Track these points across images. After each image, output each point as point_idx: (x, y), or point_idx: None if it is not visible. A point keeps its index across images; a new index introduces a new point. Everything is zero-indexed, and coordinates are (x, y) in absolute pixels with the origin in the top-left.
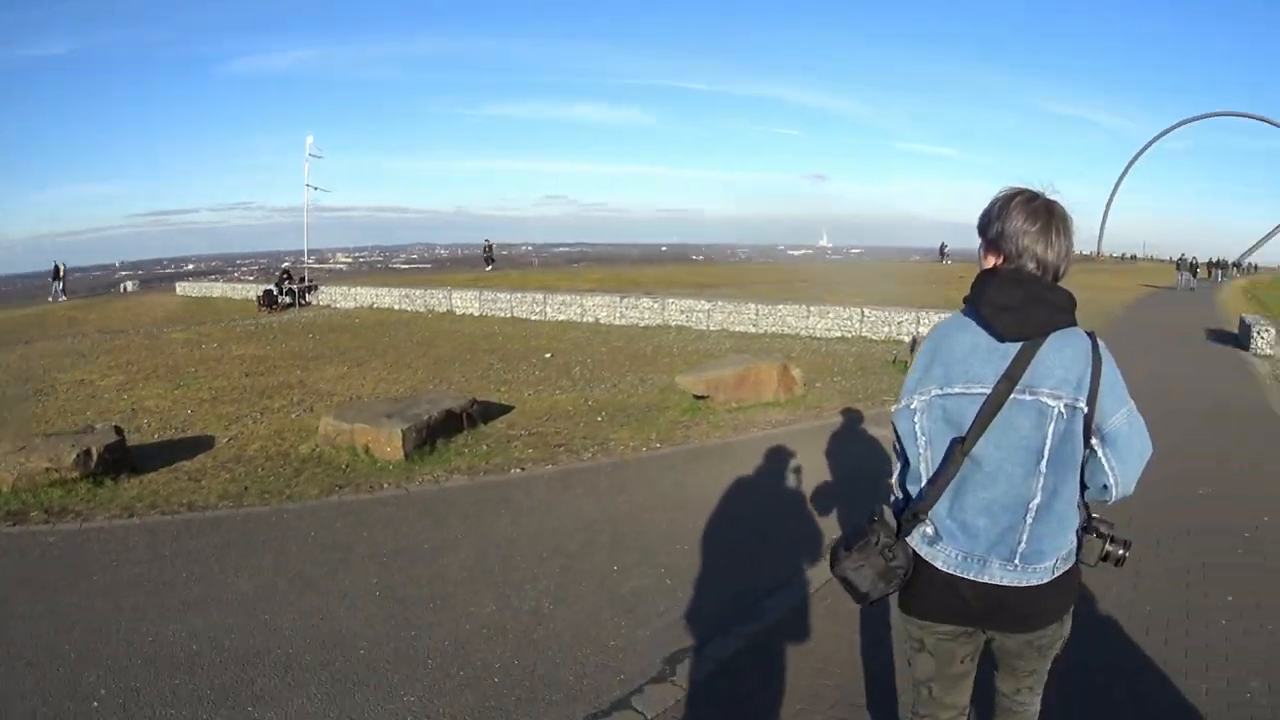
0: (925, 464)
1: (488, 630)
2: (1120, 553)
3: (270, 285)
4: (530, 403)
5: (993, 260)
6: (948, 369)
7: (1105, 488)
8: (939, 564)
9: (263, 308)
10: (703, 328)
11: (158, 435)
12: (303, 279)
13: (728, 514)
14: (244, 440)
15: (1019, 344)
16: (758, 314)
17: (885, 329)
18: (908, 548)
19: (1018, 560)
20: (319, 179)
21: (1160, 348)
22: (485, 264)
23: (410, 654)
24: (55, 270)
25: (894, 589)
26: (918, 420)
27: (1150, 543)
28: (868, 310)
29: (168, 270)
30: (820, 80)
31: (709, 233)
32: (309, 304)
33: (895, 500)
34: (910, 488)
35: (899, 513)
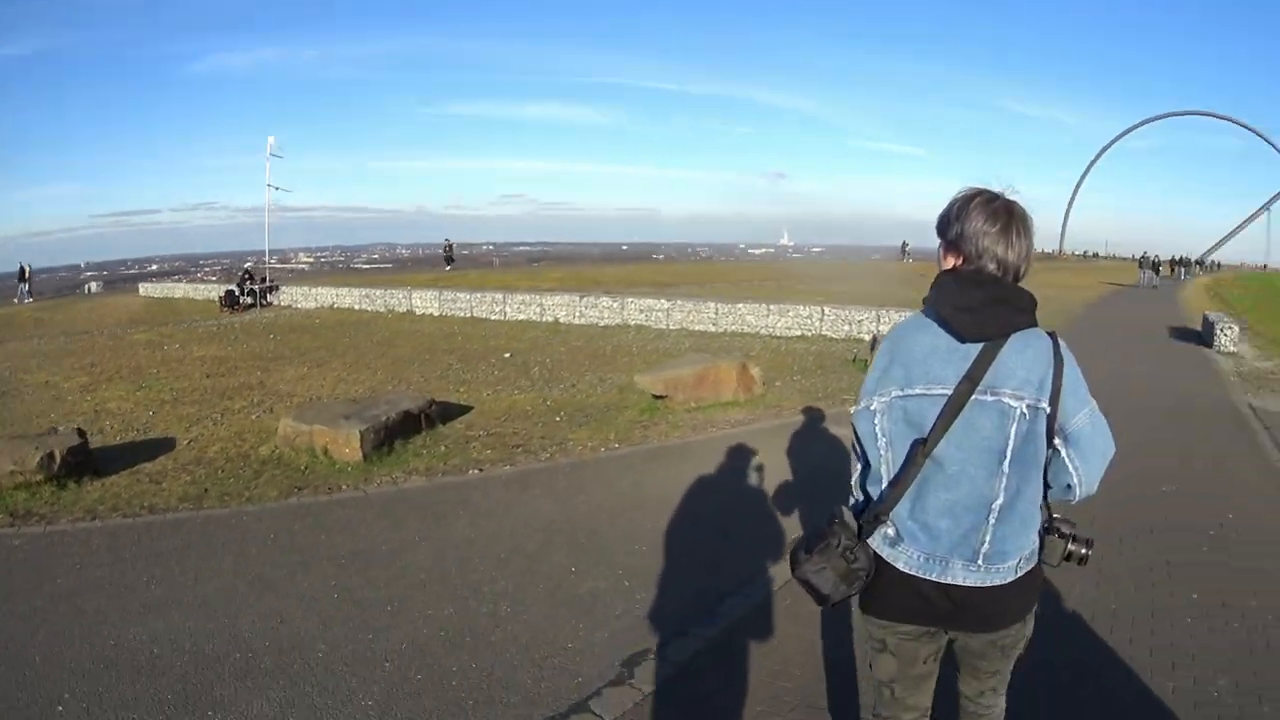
0: (886, 465)
1: (445, 633)
2: (1083, 552)
3: (232, 286)
4: (489, 403)
5: (952, 261)
6: (908, 370)
7: (1069, 487)
8: (900, 565)
9: (224, 308)
10: (662, 327)
11: (120, 437)
12: (264, 279)
13: (687, 514)
14: (204, 442)
15: (980, 345)
16: (717, 313)
17: (845, 327)
18: (869, 549)
19: (981, 561)
20: (280, 179)
21: (1123, 346)
22: (445, 263)
23: (368, 657)
24: (21, 272)
25: (855, 591)
26: (878, 422)
27: (1113, 541)
28: (828, 309)
29: (132, 271)
30: (781, 79)
31: (670, 232)
32: (270, 304)
33: (855, 502)
34: (871, 489)
35: (859, 514)
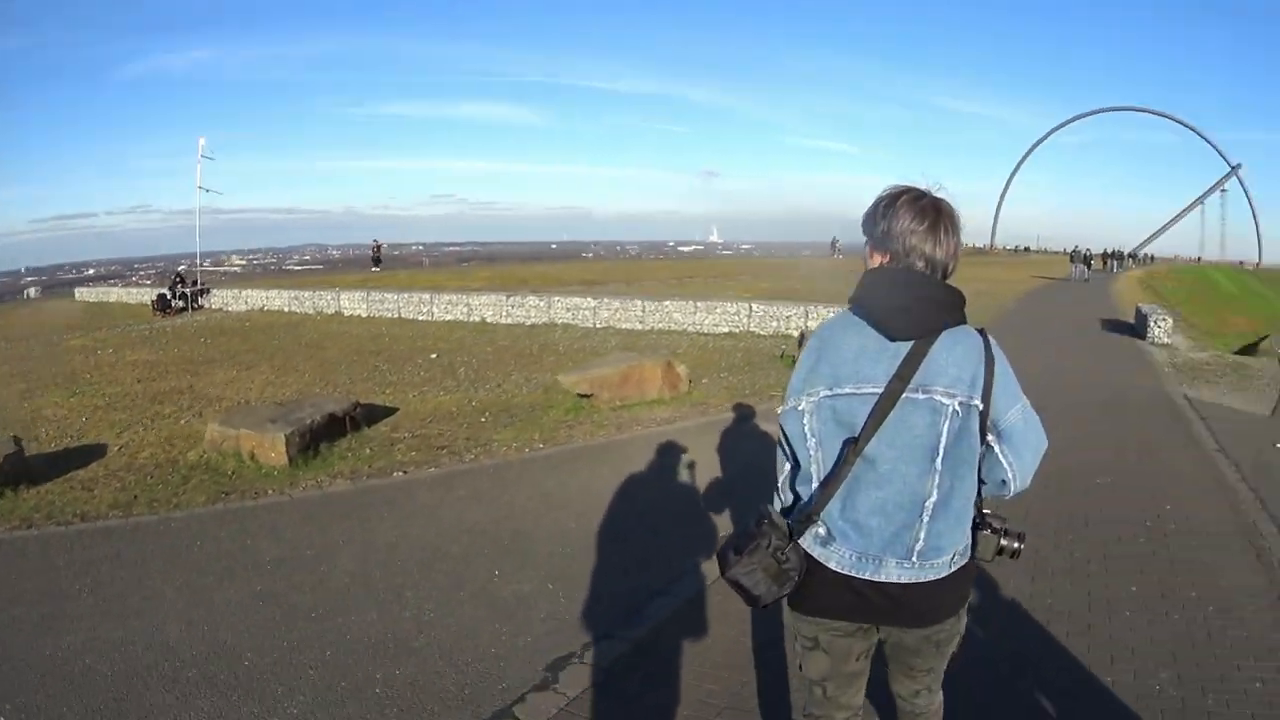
0: (817, 465)
1: (369, 639)
2: (1016, 546)
3: (164, 290)
4: (414, 404)
5: (879, 259)
6: (836, 369)
7: (1003, 483)
8: (833, 565)
9: (157, 312)
10: (589, 325)
11: (54, 444)
12: (195, 282)
13: (612, 514)
14: (134, 448)
15: (909, 343)
16: (644, 311)
17: (773, 324)
18: (800, 549)
19: (915, 558)
20: (212, 181)
21: (1055, 340)
22: (373, 264)
23: (293, 664)
24: None
25: (787, 591)
26: (807, 422)
27: (1049, 535)
28: (755, 305)
29: (70, 276)
30: (712, 78)
31: (599, 230)
32: (201, 307)
33: (783, 502)
34: (800, 489)
35: (788, 514)
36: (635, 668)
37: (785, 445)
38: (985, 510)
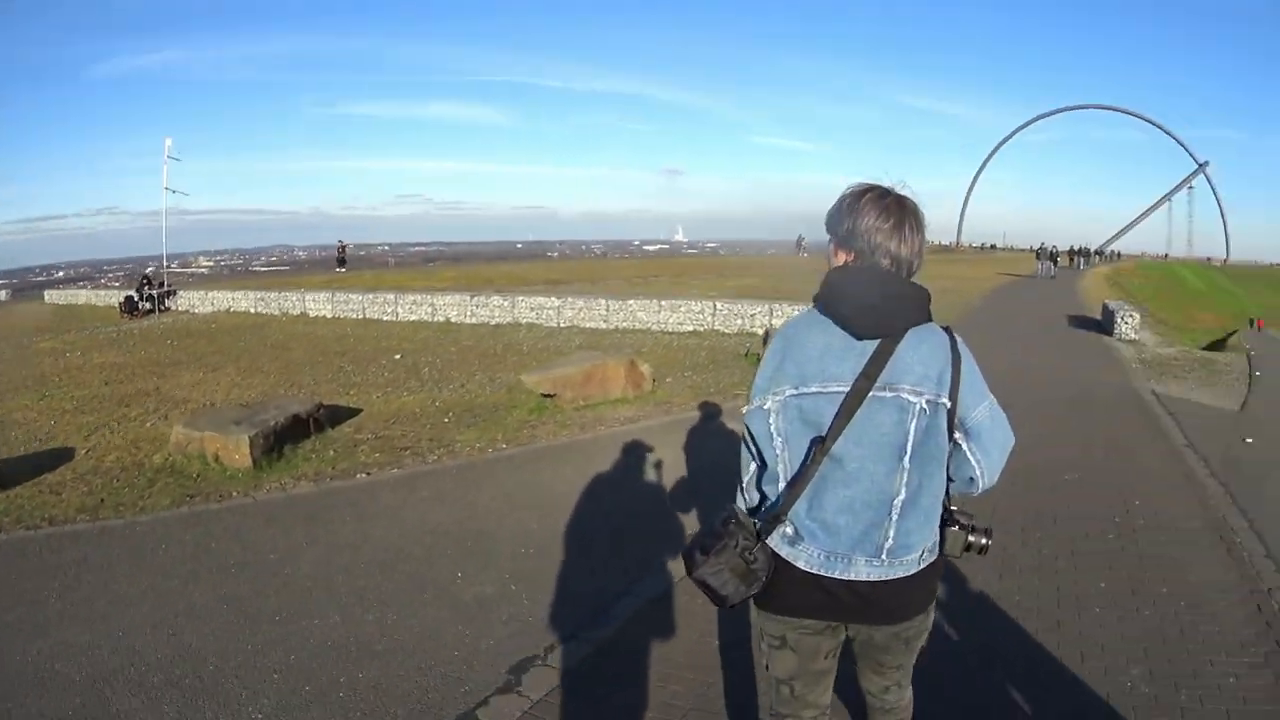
0: (783, 465)
1: (332, 642)
2: (984, 542)
3: (132, 292)
4: (378, 405)
5: (843, 257)
6: (802, 368)
7: (971, 480)
8: (801, 564)
9: (124, 314)
10: (553, 325)
11: (24, 448)
12: (162, 284)
13: (575, 514)
14: (102, 451)
15: (875, 341)
16: (608, 310)
17: (738, 322)
18: (768, 549)
19: (884, 556)
20: (179, 182)
21: (1022, 336)
22: (338, 265)
23: (257, 668)
24: None
25: (754, 591)
26: (772, 421)
27: (1016, 531)
28: (720, 303)
29: (39, 278)
30: (678, 77)
31: (565, 229)
32: (168, 309)
33: (748, 501)
34: (767, 489)
35: (754, 513)
36: (600, 670)
37: (751, 444)
38: (952, 507)
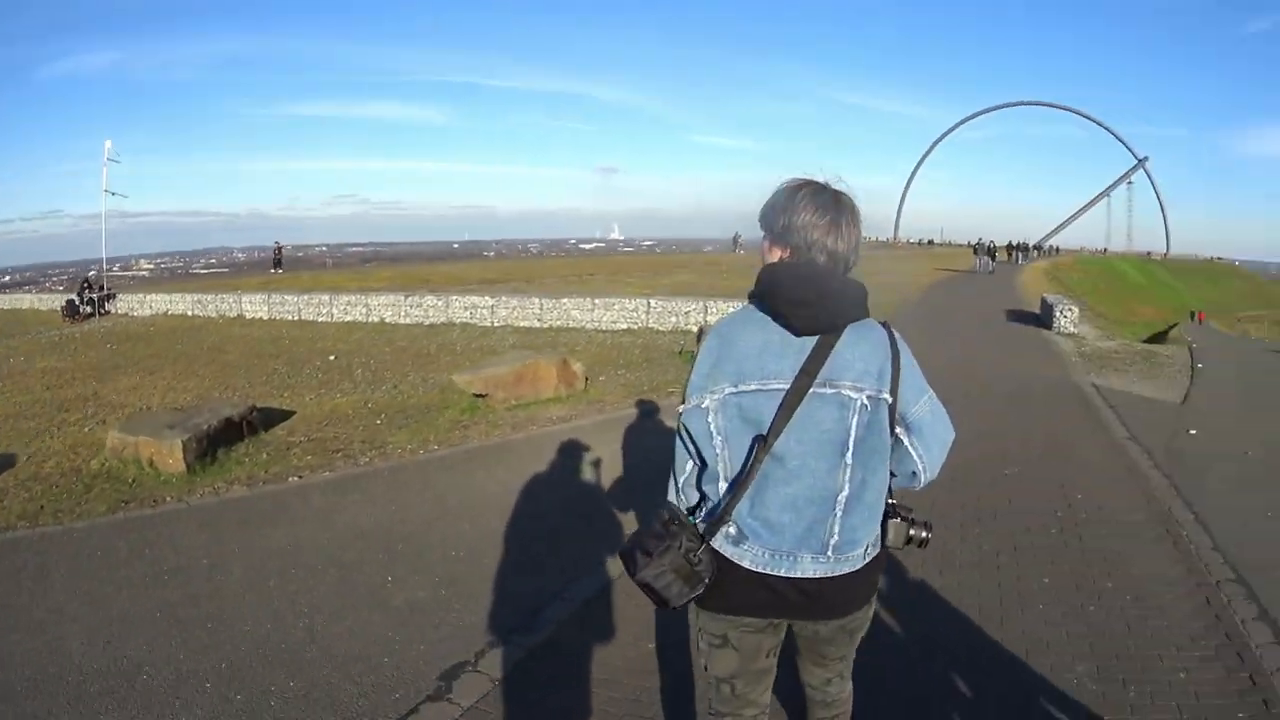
0: (724, 464)
1: (263, 650)
2: (924, 535)
3: (73, 295)
4: (311, 407)
5: (779, 253)
6: (740, 366)
7: (914, 474)
8: (746, 564)
9: (66, 318)
10: (487, 324)
11: None
12: (102, 288)
13: (507, 516)
14: (41, 457)
15: (814, 338)
16: (542, 308)
17: (672, 319)
18: (711, 549)
19: (830, 552)
20: (119, 184)
21: (961, 331)
22: (274, 266)
23: (190, 677)
24: None
25: (698, 592)
26: (712, 420)
27: (955, 527)
28: (654, 301)
29: None
30: (616, 76)
31: (502, 229)
32: (109, 313)
33: (687, 501)
34: (707, 488)
35: (693, 513)
36: (532, 674)
37: (689, 443)
38: (891, 500)
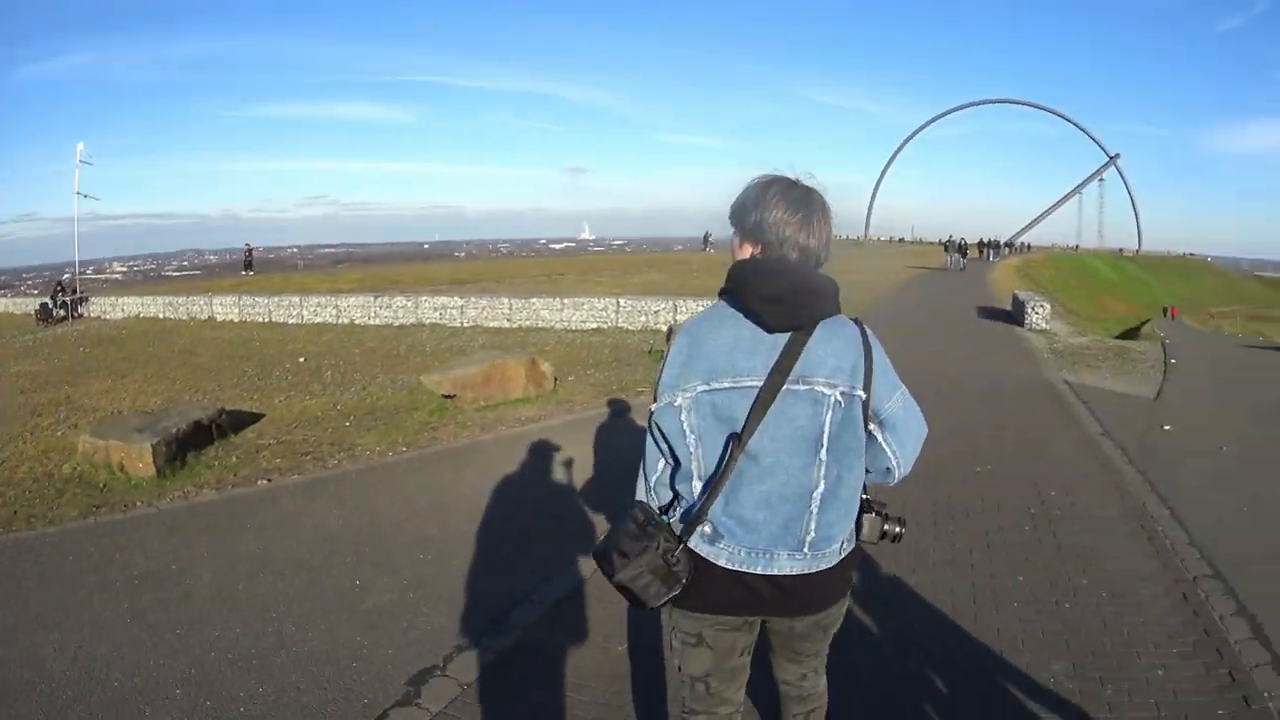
0: (697, 462)
1: (232, 655)
2: (898, 530)
3: (46, 299)
4: (281, 410)
5: (750, 250)
6: (712, 363)
7: (888, 470)
8: (723, 562)
9: (40, 322)
10: (457, 325)
11: None
12: (75, 291)
13: (475, 518)
14: (14, 462)
15: (786, 334)
16: (511, 309)
17: (641, 319)
18: (688, 549)
19: (807, 549)
20: (92, 187)
21: (931, 329)
22: (244, 269)
23: (159, 684)
24: None
25: (676, 592)
26: (685, 418)
27: (928, 525)
28: (623, 300)
29: None
30: (584, 75)
31: (472, 229)
32: (82, 316)
33: (659, 500)
34: (680, 486)
35: (665, 511)
36: (502, 678)
37: (661, 442)
38: (866, 495)
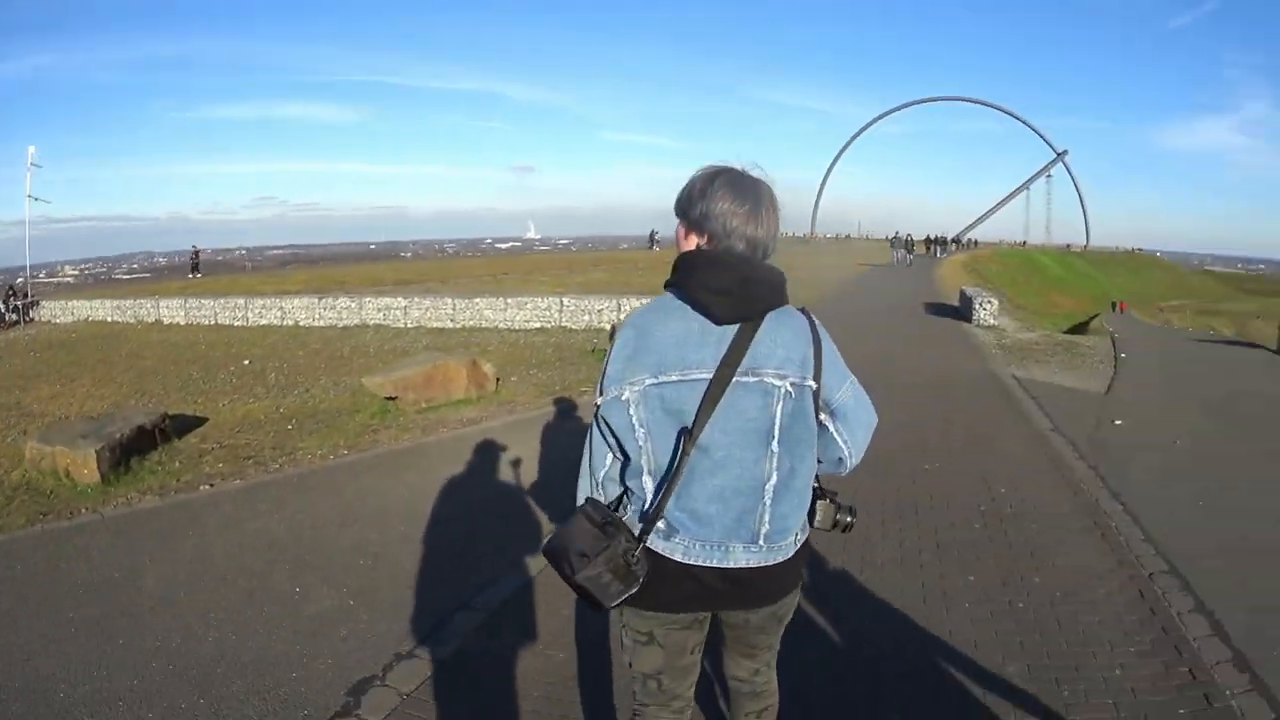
0: (647, 457)
1: (174, 666)
2: (849, 519)
3: None
4: (224, 413)
5: (695, 241)
6: (660, 357)
7: (840, 460)
8: (678, 556)
9: None
10: (401, 325)
11: None
12: (26, 295)
13: (416, 522)
14: None
15: (734, 326)
16: (455, 309)
17: (585, 318)
18: (646, 548)
19: (762, 541)
20: (43, 190)
21: (878, 326)
22: (191, 271)
23: (104, 695)
24: None
25: (634, 590)
26: (633, 412)
27: (876, 522)
28: (567, 299)
29: None
30: (531, 74)
31: (418, 229)
32: (32, 320)
33: (606, 496)
34: (630, 482)
35: (614, 508)
36: (443, 686)
37: (609, 436)
38: (818, 484)
